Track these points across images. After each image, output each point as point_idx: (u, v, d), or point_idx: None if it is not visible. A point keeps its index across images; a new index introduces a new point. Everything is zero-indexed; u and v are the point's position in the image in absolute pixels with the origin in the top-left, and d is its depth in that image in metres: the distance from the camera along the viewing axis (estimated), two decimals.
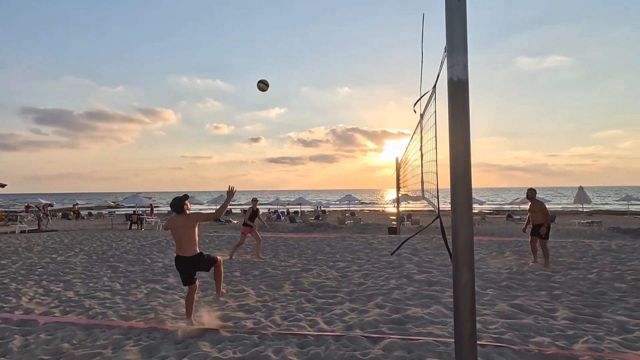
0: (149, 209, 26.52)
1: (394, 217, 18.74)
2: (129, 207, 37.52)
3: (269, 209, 35.89)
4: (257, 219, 8.72)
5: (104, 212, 36.91)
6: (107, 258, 8.86)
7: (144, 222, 20.10)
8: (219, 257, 4.38)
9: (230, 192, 4.12)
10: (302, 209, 35.97)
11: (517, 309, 4.58)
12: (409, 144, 8.60)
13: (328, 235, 13.70)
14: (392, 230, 14.91)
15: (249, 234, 8.62)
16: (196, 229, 4.09)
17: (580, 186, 22.87)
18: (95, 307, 4.92)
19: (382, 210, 43.49)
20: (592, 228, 18.09)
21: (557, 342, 3.54)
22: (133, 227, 19.50)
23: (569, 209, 40.16)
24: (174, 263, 4.27)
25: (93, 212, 37.50)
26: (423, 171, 4.14)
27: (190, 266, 4.09)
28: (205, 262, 4.17)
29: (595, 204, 46.16)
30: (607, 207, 45.29)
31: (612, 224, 20.72)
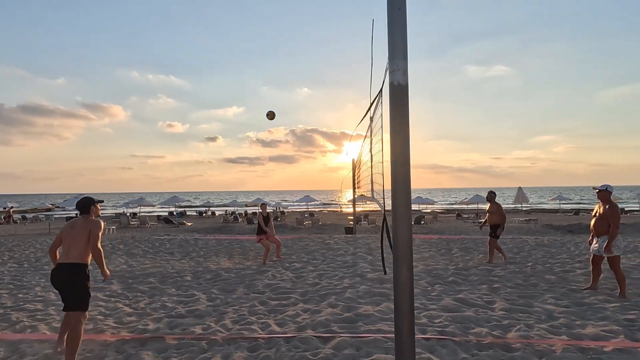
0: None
1: (352, 217, 19.09)
2: (70, 209, 34.72)
3: (225, 211, 34.96)
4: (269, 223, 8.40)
5: (40, 215, 33.75)
6: (41, 266, 8.11)
7: None
8: (86, 313, 3.45)
9: (105, 276, 3.54)
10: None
11: (461, 302, 4.87)
12: (362, 146, 8.80)
13: (285, 237, 13.62)
14: (349, 230, 15.18)
15: (262, 240, 8.31)
16: (87, 241, 3.38)
17: (520, 187, 24.82)
18: (24, 320, 4.48)
19: (340, 211, 44.14)
20: (529, 225, 19.73)
21: (493, 332, 3.81)
22: None
23: (510, 208, 43.41)
24: (117, 269, 3.81)
25: (28, 215, 34.15)
26: (372, 172, 4.26)
27: (64, 276, 3.29)
28: (80, 284, 3.29)
29: (532, 203, 50.33)
30: (542, 206, 49.58)
31: (546, 221, 22.70)
